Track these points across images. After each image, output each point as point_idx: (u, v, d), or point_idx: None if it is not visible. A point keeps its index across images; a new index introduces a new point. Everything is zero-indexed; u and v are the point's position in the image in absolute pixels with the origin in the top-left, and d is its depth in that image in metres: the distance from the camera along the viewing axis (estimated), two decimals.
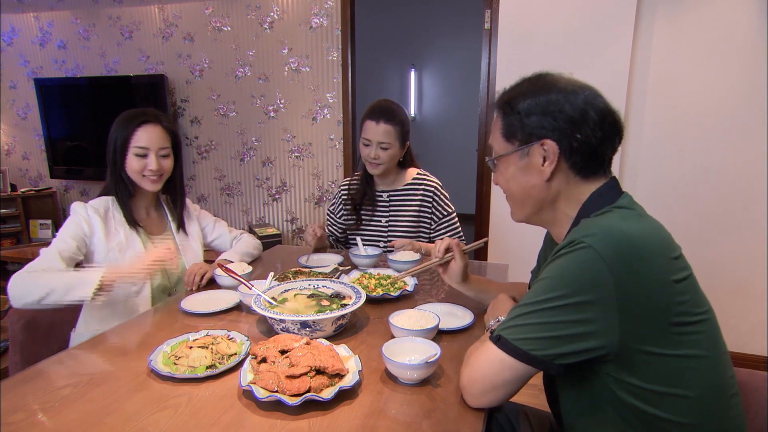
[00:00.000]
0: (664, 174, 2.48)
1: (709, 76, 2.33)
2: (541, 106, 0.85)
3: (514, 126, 0.88)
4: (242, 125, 3.37)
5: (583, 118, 0.83)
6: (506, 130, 0.90)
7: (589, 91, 0.85)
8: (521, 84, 0.91)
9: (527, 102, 0.86)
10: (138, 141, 1.41)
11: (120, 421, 0.81)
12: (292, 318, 1.05)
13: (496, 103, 0.93)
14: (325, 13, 3.01)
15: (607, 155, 0.87)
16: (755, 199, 2.36)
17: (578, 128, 0.83)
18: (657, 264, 0.73)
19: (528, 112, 0.86)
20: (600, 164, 0.87)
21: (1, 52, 3.80)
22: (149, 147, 1.42)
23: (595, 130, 0.83)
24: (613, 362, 0.74)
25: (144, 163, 1.42)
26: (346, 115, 3.12)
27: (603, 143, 0.84)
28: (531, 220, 0.96)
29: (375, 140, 1.71)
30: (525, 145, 0.87)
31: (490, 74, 2.66)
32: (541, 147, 0.85)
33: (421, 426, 0.80)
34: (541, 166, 0.86)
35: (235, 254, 1.63)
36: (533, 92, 0.87)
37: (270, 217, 3.48)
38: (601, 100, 0.85)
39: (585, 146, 0.83)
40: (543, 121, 0.84)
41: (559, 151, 0.84)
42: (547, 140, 0.84)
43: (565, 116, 0.83)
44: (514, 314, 0.79)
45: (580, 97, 0.84)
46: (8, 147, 4.00)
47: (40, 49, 3.70)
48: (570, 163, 0.85)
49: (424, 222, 1.86)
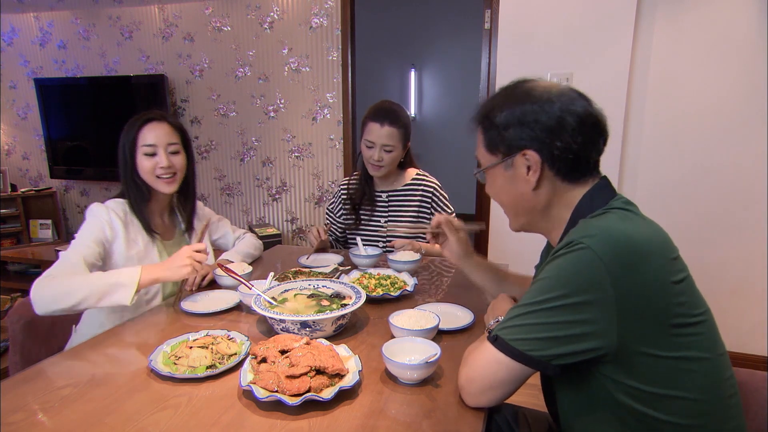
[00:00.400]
0: (664, 174, 2.48)
1: (709, 76, 2.33)
2: (517, 117, 0.85)
3: (494, 139, 0.89)
4: (242, 125, 3.37)
5: (560, 125, 0.83)
6: (488, 144, 0.91)
7: (565, 97, 0.85)
8: (497, 96, 0.91)
9: (504, 114, 0.86)
10: (144, 139, 1.38)
11: (120, 421, 0.81)
12: (292, 318, 1.05)
13: (474, 117, 0.94)
14: (325, 13, 3.01)
15: (591, 158, 0.87)
16: (755, 199, 2.36)
17: (556, 136, 0.83)
18: (656, 265, 0.73)
19: (505, 125, 0.86)
20: (586, 167, 0.87)
21: (1, 52, 3.80)
22: (156, 143, 1.38)
23: (575, 136, 0.83)
24: (611, 363, 0.74)
25: (154, 161, 1.38)
26: (346, 115, 3.12)
27: (585, 147, 0.84)
28: (528, 228, 0.96)
29: (379, 143, 1.70)
30: (508, 157, 0.88)
31: (490, 74, 2.66)
32: (524, 157, 0.86)
33: (421, 426, 0.81)
34: (526, 176, 0.87)
35: (236, 254, 1.63)
36: (509, 104, 0.87)
37: (270, 217, 3.48)
38: (579, 104, 0.84)
39: (566, 153, 0.83)
40: (521, 132, 0.85)
41: (542, 160, 0.84)
42: (528, 150, 0.85)
43: (541, 126, 0.83)
44: (512, 314, 0.79)
45: (556, 105, 0.83)
46: (8, 147, 4.00)
47: (40, 49, 3.70)
48: (555, 170, 0.86)
49: (423, 222, 1.86)
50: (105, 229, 1.33)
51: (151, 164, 1.39)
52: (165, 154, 1.39)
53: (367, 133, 1.73)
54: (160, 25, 3.38)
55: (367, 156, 1.75)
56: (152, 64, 3.46)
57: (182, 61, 3.39)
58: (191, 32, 3.32)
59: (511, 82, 0.92)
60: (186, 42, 3.34)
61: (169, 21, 3.35)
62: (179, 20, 3.32)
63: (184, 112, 3.47)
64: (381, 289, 1.35)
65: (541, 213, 0.91)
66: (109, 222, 1.34)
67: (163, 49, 3.41)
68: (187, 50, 3.36)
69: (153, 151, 1.38)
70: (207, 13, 3.25)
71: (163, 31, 3.38)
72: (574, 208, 0.87)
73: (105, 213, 1.35)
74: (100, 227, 1.33)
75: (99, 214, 1.35)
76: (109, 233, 1.34)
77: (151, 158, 1.39)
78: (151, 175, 1.40)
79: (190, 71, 3.39)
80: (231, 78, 3.31)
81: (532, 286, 0.79)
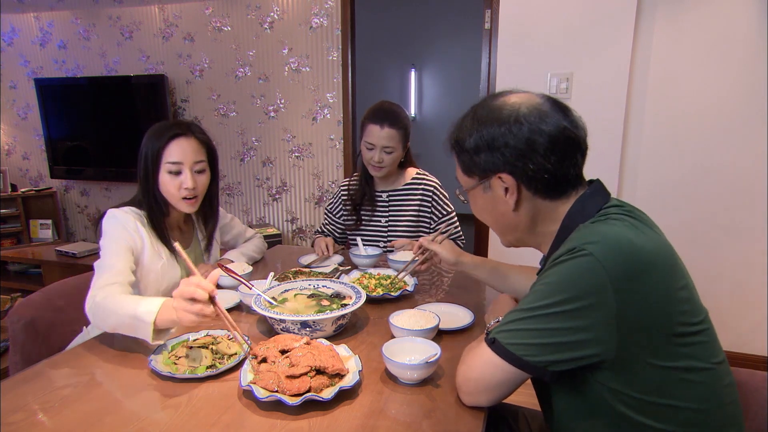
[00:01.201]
0: (664, 174, 2.47)
1: (709, 76, 2.33)
2: (486, 142, 0.83)
3: (467, 163, 0.88)
4: (242, 125, 3.37)
5: (531, 147, 0.80)
6: (463, 168, 0.90)
7: (534, 115, 0.81)
8: (466, 117, 0.89)
9: (473, 139, 0.85)
10: (170, 156, 1.29)
11: (120, 421, 0.81)
12: (292, 318, 1.05)
13: (447, 140, 0.93)
14: (325, 13, 3.01)
15: (569, 174, 0.83)
16: (755, 199, 2.36)
17: (528, 158, 0.81)
18: (659, 275, 0.71)
19: (475, 150, 0.85)
20: (566, 183, 0.84)
21: (2, 52, 3.80)
22: (183, 162, 1.30)
23: (547, 156, 0.80)
24: (609, 370, 0.73)
25: (179, 181, 1.31)
26: (346, 115, 3.12)
27: (561, 165, 0.81)
28: (517, 244, 0.95)
29: (379, 144, 1.70)
30: (484, 180, 0.87)
31: (491, 74, 2.66)
32: (499, 179, 0.84)
33: (421, 426, 0.81)
34: (504, 197, 0.86)
35: (239, 255, 1.63)
36: (477, 128, 0.85)
37: (270, 217, 3.48)
38: (551, 121, 0.80)
39: (541, 173, 0.81)
40: (491, 157, 0.83)
41: (517, 183, 0.83)
42: (502, 174, 0.83)
43: (510, 150, 0.81)
44: (510, 318, 0.78)
45: (525, 127, 0.80)
46: (8, 147, 4.01)
47: (41, 49, 3.70)
48: (533, 191, 0.84)
49: (423, 221, 1.86)
50: (135, 239, 1.27)
51: (175, 185, 1.31)
52: (191, 173, 1.32)
53: (367, 135, 1.72)
54: (161, 25, 3.38)
55: (368, 157, 1.74)
56: (152, 64, 3.46)
57: (182, 61, 3.39)
58: (191, 32, 3.32)
59: (482, 98, 0.90)
60: (186, 42, 3.34)
61: (170, 21, 3.35)
62: (179, 20, 3.32)
63: (184, 112, 3.47)
64: (381, 289, 1.35)
65: (527, 230, 0.89)
66: (136, 230, 1.28)
67: (163, 49, 3.41)
68: (187, 50, 3.36)
69: (178, 170, 1.31)
70: (207, 13, 3.25)
71: (164, 31, 3.38)
72: (561, 221, 0.85)
73: (131, 220, 1.28)
74: (129, 235, 1.26)
75: (125, 221, 1.27)
76: (138, 242, 1.28)
77: (175, 177, 1.31)
78: (174, 195, 1.32)
79: (190, 71, 3.39)
80: (231, 78, 3.31)
81: (532, 290, 0.78)
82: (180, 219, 1.46)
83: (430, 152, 5.66)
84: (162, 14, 3.35)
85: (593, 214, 0.81)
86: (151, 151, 1.30)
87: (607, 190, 0.86)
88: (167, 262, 1.35)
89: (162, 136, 1.31)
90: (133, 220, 1.29)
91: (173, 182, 1.31)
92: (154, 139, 1.31)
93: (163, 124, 1.35)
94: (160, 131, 1.32)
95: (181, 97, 3.45)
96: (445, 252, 1.27)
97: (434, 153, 5.55)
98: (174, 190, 1.32)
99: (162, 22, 3.37)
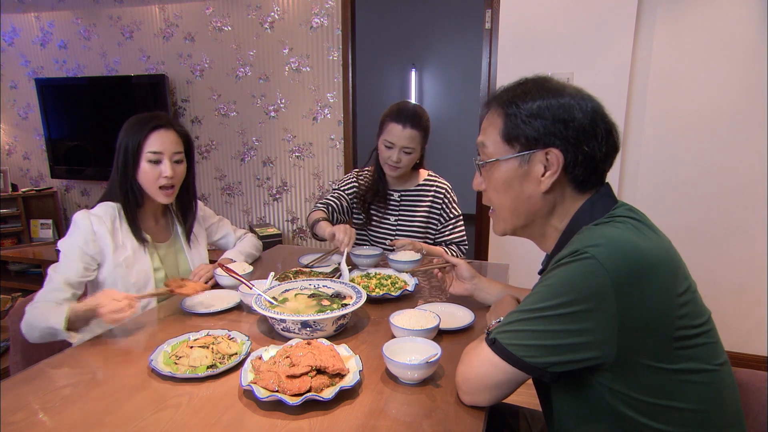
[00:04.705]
0: (664, 174, 2.47)
1: (710, 77, 2.33)
2: (552, 110, 0.78)
3: (517, 128, 0.80)
4: (243, 125, 3.37)
5: (593, 129, 0.78)
6: (507, 132, 0.81)
7: (596, 102, 0.81)
8: (526, 83, 0.83)
9: (537, 103, 0.79)
10: (151, 146, 1.35)
11: (120, 421, 0.82)
12: (292, 318, 1.05)
13: (495, 99, 0.85)
14: (325, 13, 3.01)
15: (605, 171, 0.83)
16: (756, 199, 2.36)
17: (587, 140, 0.78)
18: (662, 279, 0.70)
19: (536, 115, 0.78)
20: (598, 178, 0.83)
21: (2, 52, 3.80)
22: (163, 152, 1.36)
23: (602, 144, 0.79)
24: (609, 372, 0.73)
25: (158, 170, 1.36)
26: (346, 115, 3.12)
27: (606, 158, 0.81)
28: (517, 233, 0.90)
29: (399, 144, 1.68)
30: (527, 151, 0.80)
31: (491, 74, 2.66)
32: (545, 156, 0.79)
33: (421, 426, 0.81)
34: (540, 177, 0.80)
35: (238, 254, 1.63)
36: (543, 94, 0.79)
37: (270, 217, 3.48)
38: (607, 114, 0.81)
39: (589, 160, 0.79)
40: (552, 127, 0.78)
41: (564, 163, 0.79)
42: (553, 149, 0.78)
43: (576, 125, 0.77)
44: (511, 318, 0.78)
45: (590, 105, 0.79)
46: (9, 147, 4.01)
47: (41, 49, 3.71)
48: (571, 176, 0.81)
49: (432, 223, 1.86)
50: (89, 245, 1.30)
51: (154, 173, 1.36)
52: (170, 163, 1.37)
53: (387, 133, 1.70)
54: (161, 25, 3.38)
55: (385, 156, 1.72)
56: (153, 64, 3.46)
57: (183, 61, 3.39)
58: (192, 32, 3.32)
59: (534, 75, 0.84)
60: (186, 42, 3.34)
61: (170, 21, 3.35)
62: (180, 20, 3.33)
63: (185, 112, 3.47)
64: (381, 289, 1.35)
65: (541, 219, 0.86)
66: (92, 234, 1.31)
67: (163, 49, 3.41)
68: (187, 50, 3.36)
69: (158, 159, 1.36)
70: (207, 13, 3.25)
71: (164, 31, 3.38)
72: (571, 217, 0.83)
73: (87, 224, 1.31)
74: (83, 241, 1.30)
75: (83, 227, 1.31)
76: (93, 247, 1.31)
77: (155, 166, 1.36)
78: (153, 185, 1.37)
79: (190, 71, 3.39)
80: (231, 78, 3.31)
81: (534, 291, 0.77)
82: (157, 211, 1.50)
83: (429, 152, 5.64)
84: (162, 14, 3.35)
85: (599, 216, 0.80)
86: (131, 142, 1.35)
87: (614, 195, 0.85)
88: (133, 254, 1.37)
89: (143, 127, 1.36)
90: (90, 225, 1.31)
91: (153, 171, 1.36)
92: (135, 130, 1.36)
93: (141, 116, 1.40)
94: (140, 123, 1.37)
95: (181, 97, 3.45)
96: (464, 266, 1.28)
97: (434, 153, 5.53)
98: (153, 179, 1.37)
99: (162, 22, 3.37)
